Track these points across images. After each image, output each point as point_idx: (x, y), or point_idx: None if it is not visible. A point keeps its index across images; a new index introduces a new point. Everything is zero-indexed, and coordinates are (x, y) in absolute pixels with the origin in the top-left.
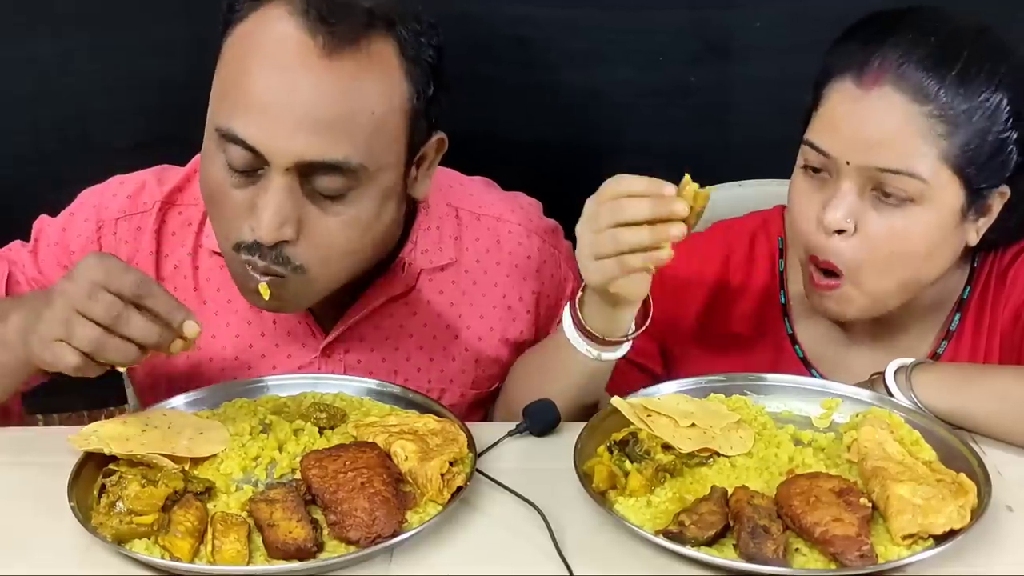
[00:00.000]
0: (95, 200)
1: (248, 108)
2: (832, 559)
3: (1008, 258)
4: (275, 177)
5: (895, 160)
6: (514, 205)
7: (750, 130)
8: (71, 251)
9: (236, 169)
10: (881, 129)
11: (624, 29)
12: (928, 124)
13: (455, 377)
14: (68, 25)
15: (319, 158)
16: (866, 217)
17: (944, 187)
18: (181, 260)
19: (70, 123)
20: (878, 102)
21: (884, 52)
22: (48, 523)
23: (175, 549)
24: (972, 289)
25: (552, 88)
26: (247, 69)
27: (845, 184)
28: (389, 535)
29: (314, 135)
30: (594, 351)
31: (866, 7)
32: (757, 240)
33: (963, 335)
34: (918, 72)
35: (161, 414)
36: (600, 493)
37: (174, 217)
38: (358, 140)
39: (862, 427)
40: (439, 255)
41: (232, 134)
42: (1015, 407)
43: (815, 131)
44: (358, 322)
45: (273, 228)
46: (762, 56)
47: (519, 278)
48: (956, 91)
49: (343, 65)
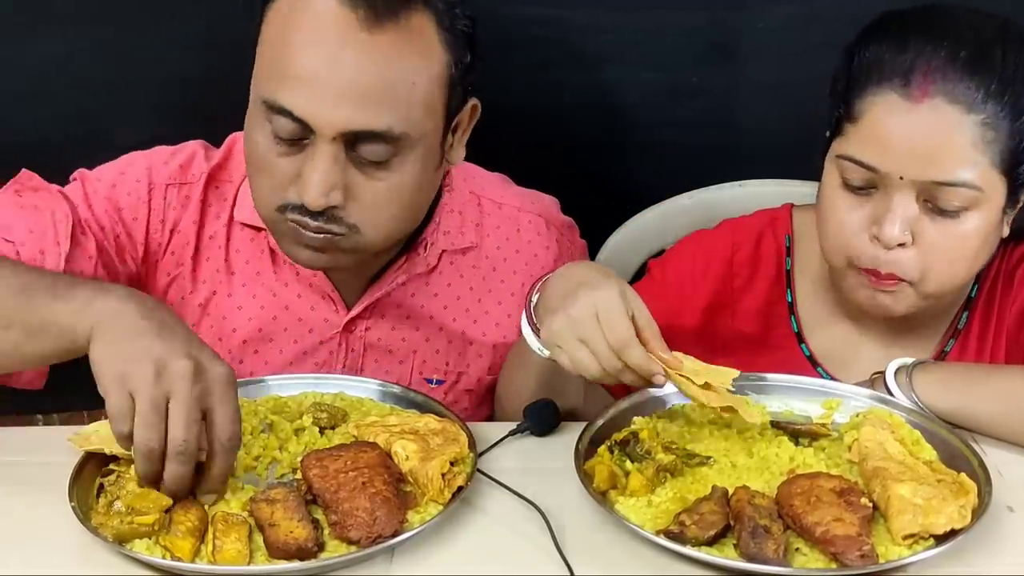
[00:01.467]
0: (146, 163)
1: (293, 81)
2: (833, 559)
3: (1016, 258)
4: (321, 146)
5: (950, 172)
6: (534, 198)
7: (755, 131)
8: (120, 207)
9: (282, 138)
10: (935, 142)
11: (630, 30)
12: (980, 132)
13: (472, 361)
14: (68, 25)
15: (363, 127)
16: (922, 227)
17: (995, 189)
18: (217, 231)
19: (70, 123)
20: (930, 115)
21: (929, 60)
22: (48, 523)
23: (176, 549)
24: (980, 288)
25: (559, 88)
26: (291, 43)
27: (898, 197)
28: (390, 535)
29: (358, 106)
30: (539, 345)
31: (873, 9)
32: (764, 238)
33: (970, 334)
34: (964, 79)
35: None
36: (601, 493)
37: (212, 191)
38: (400, 109)
39: (863, 427)
40: (461, 238)
41: (279, 105)
42: (1015, 407)
43: (858, 146)
44: (380, 300)
45: (321, 194)
46: (768, 58)
47: (538, 267)
48: (1002, 95)
49: (384, 38)
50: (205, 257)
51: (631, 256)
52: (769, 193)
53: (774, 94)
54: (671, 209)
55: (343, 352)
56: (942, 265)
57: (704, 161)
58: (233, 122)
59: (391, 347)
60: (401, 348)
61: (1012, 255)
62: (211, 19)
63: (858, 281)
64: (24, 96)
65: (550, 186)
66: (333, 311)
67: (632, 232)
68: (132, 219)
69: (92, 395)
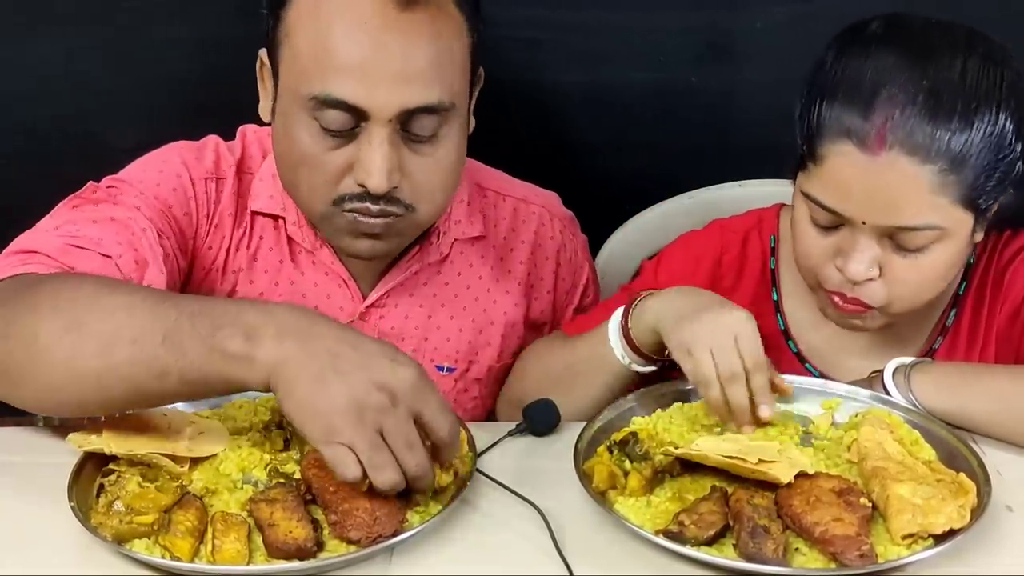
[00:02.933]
0: (179, 158)
1: (345, 71)
2: (832, 559)
3: (1006, 258)
4: (377, 130)
5: (911, 218)
6: (536, 191)
7: (752, 131)
8: (170, 204)
9: (332, 131)
10: (894, 193)
11: (627, 30)
12: (940, 179)
13: (482, 349)
14: (68, 25)
15: (418, 104)
16: (890, 261)
17: (959, 222)
18: (245, 222)
19: (70, 123)
20: (888, 168)
21: (883, 108)
22: (48, 523)
23: (175, 549)
24: (968, 285)
25: (555, 89)
26: (331, 34)
27: (862, 239)
28: (390, 534)
29: (411, 84)
30: (628, 359)
31: (867, 9)
32: (750, 239)
33: (959, 331)
34: (922, 126)
35: (161, 414)
36: (600, 493)
37: (241, 183)
38: (446, 80)
39: (862, 427)
40: (471, 227)
41: (332, 98)
42: (1014, 408)
43: (820, 190)
44: (394, 288)
45: (385, 177)
46: (764, 58)
47: (542, 258)
48: (962, 137)
49: (420, 15)
50: (236, 248)
51: (631, 256)
52: (769, 193)
53: (772, 94)
54: (671, 209)
55: None
56: (909, 293)
57: (703, 161)
58: (232, 122)
59: (404, 335)
60: (414, 336)
61: (1003, 254)
62: (209, 20)
63: (828, 301)
64: (24, 96)
65: (549, 187)
66: (349, 299)
67: (632, 232)
68: (184, 214)
69: None
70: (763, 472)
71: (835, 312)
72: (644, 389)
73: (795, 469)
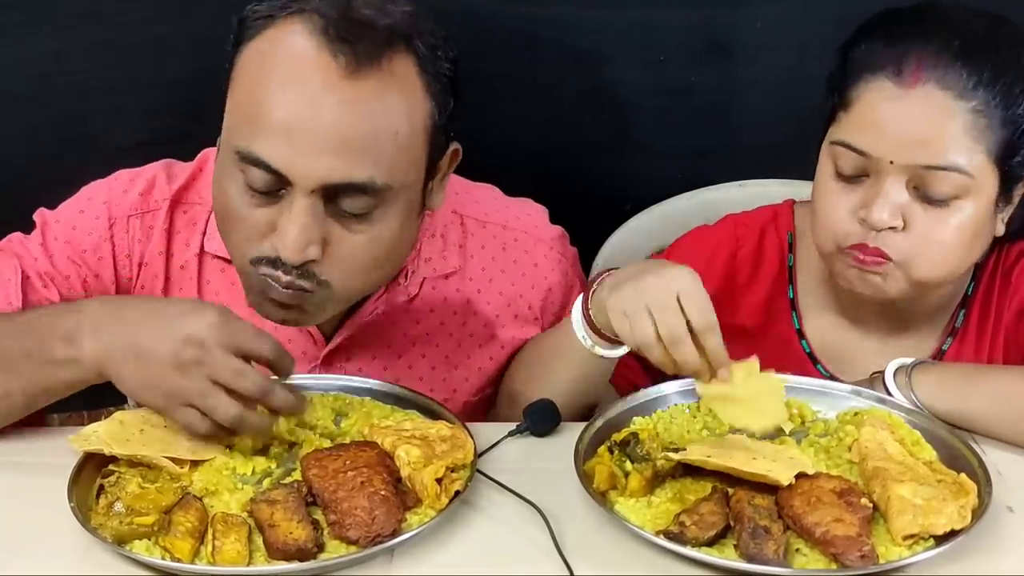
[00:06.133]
0: (104, 196)
1: (271, 130)
2: (833, 559)
3: (1013, 257)
4: (299, 199)
5: (940, 157)
6: (520, 212)
7: (753, 130)
8: (83, 249)
9: (257, 190)
10: (926, 127)
11: (627, 29)
12: (972, 119)
13: (458, 386)
14: (68, 25)
15: (344, 180)
16: (913, 213)
17: (986, 178)
18: (188, 261)
19: (70, 123)
20: (922, 100)
21: (921, 48)
22: (48, 523)
23: (176, 550)
24: (976, 286)
25: (555, 88)
26: (267, 89)
27: (888, 182)
28: (389, 534)
29: (339, 157)
30: (591, 342)
31: (871, 8)
32: (767, 234)
33: (968, 332)
34: (958, 67)
35: None
36: (600, 493)
37: (180, 216)
38: (382, 161)
39: (863, 427)
40: (443, 263)
41: (254, 157)
42: (1013, 408)
43: (850, 131)
44: (360, 330)
45: (299, 249)
46: (765, 56)
47: (526, 286)
48: (995, 84)
49: (366, 85)
50: (178, 288)
51: (631, 256)
52: (769, 193)
53: (772, 93)
54: (671, 209)
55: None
56: (931, 251)
57: (703, 161)
58: None
59: (371, 376)
60: (383, 377)
61: (1009, 253)
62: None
63: (846, 263)
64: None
65: (549, 187)
66: (311, 344)
67: (632, 232)
68: (97, 259)
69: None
70: (763, 475)
71: (854, 270)
72: (644, 390)
73: (795, 470)
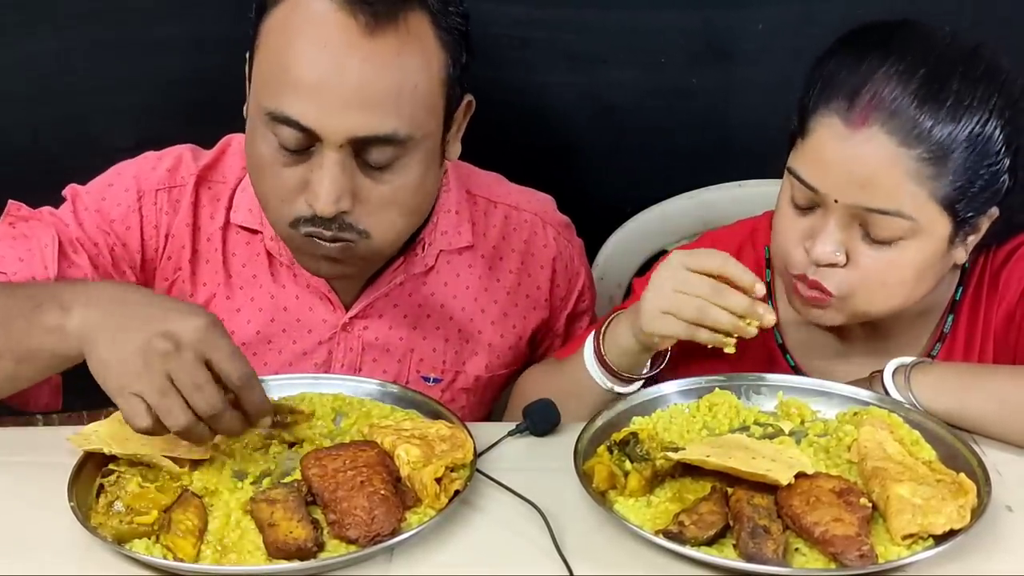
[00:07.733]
0: (133, 171)
1: (298, 89)
2: (832, 559)
3: (1000, 259)
4: (328, 153)
5: (883, 201)
6: (530, 197)
7: (751, 132)
8: (111, 219)
9: (288, 148)
10: (869, 171)
11: (626, 31)
12: (917, 167)
13: (468, 359)
14: (68, 25)
15: (370, 133)
16: (856, 248)
17: (934, 222)
18: (213, 234)
19: (70, 123)
20: (866, 144)
21: (873, 86)
22: (48, 523)
23: (177, 549)
24: (964, 291)
25: (553, 89)
26: (293, 51)
27: (833, 219)
28: (388, 533)
29: (364, 112)
30: (609, 383)
31: (868, 12)
32: (744, 251)
33: (956, 337)
34: (907, 110)
35: None
36: (600, 493)
37: (205, 192)
38: (404, 113)
39: (862, 427)
40: (458, 237)
41: (284, 115)
42: (1014, 408)
43: (801, 162)
44: (378, 299)
45: (331, 201)
46: (764, 59)
47: (535, 267)
48: (946, 130)
49: (386, 42)
50: (204, 260)
51: (631, 256)
52: (769, 193)
53: (772, 94)
54: (671, 209)
55: (341, 351)
56: (873, 289)
57: (702, 161)
58: (228, 123)
59: (388, 346)
60: (398, 347)
61: (996, 257)
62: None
63: (792, 288)
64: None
65: (549, 187)
66: (331, 311)
67: (632, 232)
68: (125, 229)
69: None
70: (762, 475)
71: (797, 299)
72: (644, 390)
73: (795, 470)
